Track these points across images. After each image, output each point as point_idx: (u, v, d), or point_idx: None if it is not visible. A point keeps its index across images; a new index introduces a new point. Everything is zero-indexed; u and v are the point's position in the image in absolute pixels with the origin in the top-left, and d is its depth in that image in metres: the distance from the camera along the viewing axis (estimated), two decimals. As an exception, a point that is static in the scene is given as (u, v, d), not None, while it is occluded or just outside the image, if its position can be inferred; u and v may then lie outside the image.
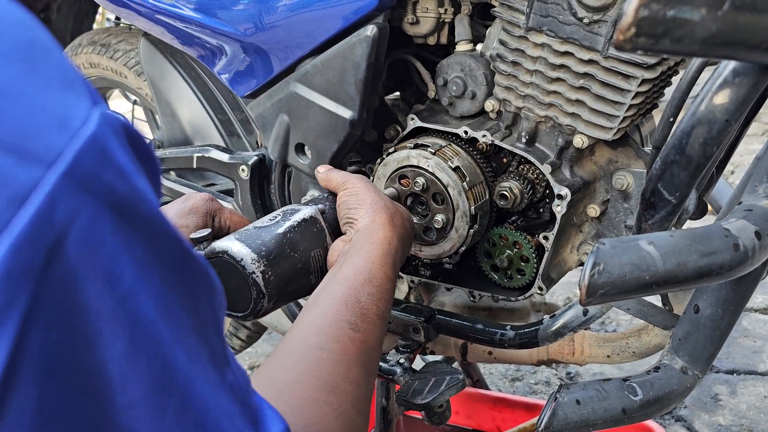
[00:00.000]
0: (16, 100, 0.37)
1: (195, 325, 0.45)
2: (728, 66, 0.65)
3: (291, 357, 0.72)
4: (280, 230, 0.93)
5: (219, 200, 1.04)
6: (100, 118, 0.39)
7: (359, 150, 1.29)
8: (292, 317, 1.42)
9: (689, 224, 1.11)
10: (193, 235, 0.92)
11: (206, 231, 0.93)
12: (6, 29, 0.39)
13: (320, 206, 1.00)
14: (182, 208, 0.98)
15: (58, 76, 0.40)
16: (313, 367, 0.70)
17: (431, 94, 1.20)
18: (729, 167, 3.29)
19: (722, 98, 0.65)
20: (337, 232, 1.00)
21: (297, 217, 0.96)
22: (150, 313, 0.41)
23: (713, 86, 0.66)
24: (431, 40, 1.16)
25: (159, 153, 1.51)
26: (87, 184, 0.38)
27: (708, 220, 0.91)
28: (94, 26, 2.24)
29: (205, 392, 0.45)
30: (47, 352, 0.37)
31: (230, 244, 0.89)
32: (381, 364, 1.20)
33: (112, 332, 0.39)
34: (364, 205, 0.96)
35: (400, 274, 1.29)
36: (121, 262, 0.40)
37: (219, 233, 1.00)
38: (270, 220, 0.96)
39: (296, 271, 0.93)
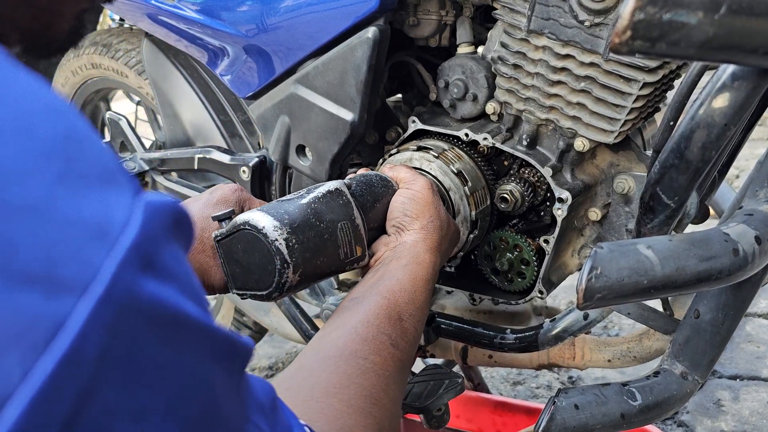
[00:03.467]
0: (47, 215, 0.31)
1: (223, 410, 0.42)
2: (727, 70, 0.65)
3: (335, 360, 0.71)
4: (304, 201, 0.89)
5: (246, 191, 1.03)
6: (145, 212, 0.35)
7: (360, 152, 1.29)
8: (294, 320, 1.42)
9: (691, 228, 1.10)
10: (215, 214, 0.90)
11: (228, 209, 0.89)
12: (36, 122, 0.33)
13: (346, 180, 0.96)
14: (210, 198, 0.97)
15: (97, 172, 0.34)
16: (358, 374, 0.69)
17: (432, 96, 1.20)
18: (734, 171, 3.28)
19: (721, 102, 0.65)
20: (367, 209, 0.95)
21: (322, 189, 0.92)
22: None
23: (712, 90, 0.66)
24: (433, 43, 1.16)
25: (161, 153, 1.51)
26: (127, 306, 0.33)
27: (710, 224, 0.91)
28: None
29: None
30: None
31: (251, 215, 0.85)
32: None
33: None
34: (420, 219, 0.93)
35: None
36: (156, 386, 0.35)
37: None
38: (294, 194, 0.92)
39: (323, 241, 0.88)
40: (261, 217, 0.84)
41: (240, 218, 0.86)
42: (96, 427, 0.32)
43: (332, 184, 0.93)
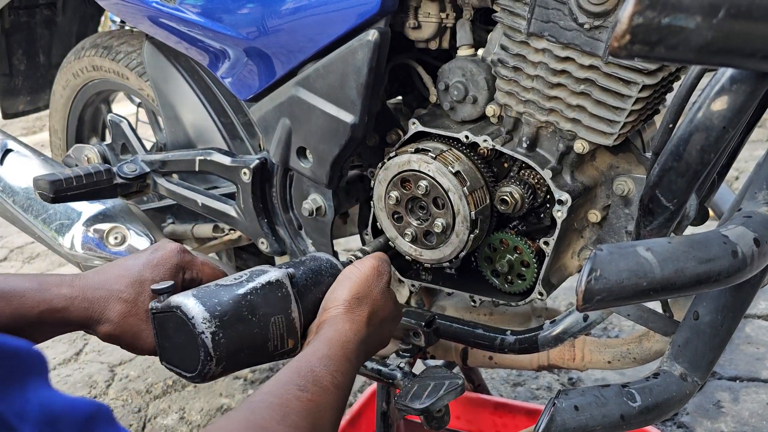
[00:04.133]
0: None
1: None
2: (726, 73, 0.65)
3: (229, 414, 0.72)
4: (241, 291, 0.89)
5: (191, 252, 1.02)
6: None
7: (361, 154, 1.29)
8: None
9: (690, 230, 1.10)
10: (154, 287, 0.90)
11: (168, 283, 0.90)
12: None
13: (291, 270, 0.96)
14: (150, 259, 0.96)
15: None
16: (246, 413, 0.71)
17: (433, 98, 1.20)
18: (734, 173, 3.28)
19: (720, 105, 0.65)
20: (308, 300, 0.96)
21: (262, 279, 0.92)
22: None
23: (711, 93, 0.66)
24: (433, 45, 1.16)
25: (161, 155, 1.52)
26: None
27: (710, 226, 0.91)
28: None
29: None
30: None
31: (185, 300, 0.86)
32: (381, 368, 1.20)
33: None
34: (346, 296, 0.94)
35: (402, 278, 1.29)
36: None
37: (190, 285, 0.97)
38: (235, 278, 0.93)
39: (252, 336, 0.89)
40: (193, 306, 0.86)
41: (174, 300, 0.88)
42: None
43: (275, 275, 0.94)
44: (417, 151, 1.13)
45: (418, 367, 1.22)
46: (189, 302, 0.86)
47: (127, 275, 0.94)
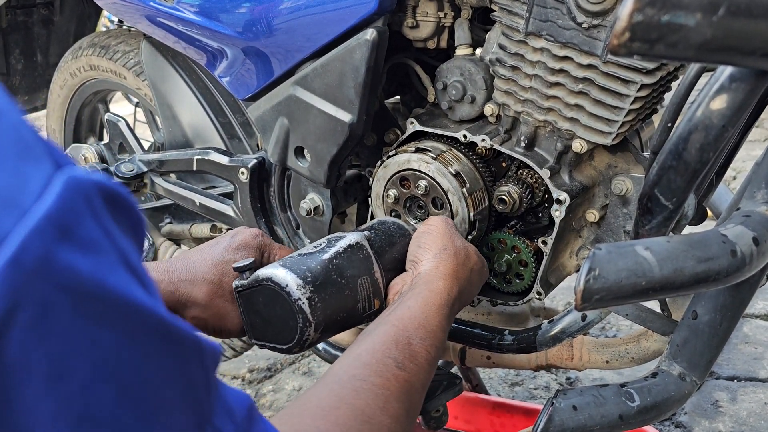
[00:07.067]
0: None
1: (174, 398, 0.42)
2: (725, 71, 0.65)
3: (330, 385, 0.71)
4: (326, 256, 0.90)
5: (267, 236, 1.04)
6: (65, 185, 0.35)
7: (358, 153, 1.29)
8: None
9: (689, 230, 1.10)
10: (236, 265, 0.91)
11: (249, 260, 0.90)
12: None
13: (366, 233, 0.98)
14: (231, 243, 0.98)
15: (10, 143, 0.35)
16: (351, 395, 0.70)
17: (431, 98, 1.20)
18: (731, 173, 3.28)
19: (719, 104, 0.65)
20: (386, 261, 0.97)
21: (342, 243, 0.93)
22: (108, 406, 0.38)
23: (710, 91, 0.66)
24: (431, 44, 1.16)
25: (159, 155, 1.51)
26: (38, 270, 0.34)
27: (708, 225, 0.91)
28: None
29: None
30: None
31: (274, 271, 0.86)
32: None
33: None
34: (433, 248, 0.95)
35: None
36: (76, 353, 0.36)
37: None
38: (315, 247, 0.93)
39: (344, 298, 0.89)
40: (284, 275, 0.86)
41: (263, 273, 0.87)
42: (6, 386, 0.34)
43: (353, 238, 0.95)
44: (417, 150, 1.12)
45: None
46: (279, 272, 0.86)
47: (209, 258, 0.95)
